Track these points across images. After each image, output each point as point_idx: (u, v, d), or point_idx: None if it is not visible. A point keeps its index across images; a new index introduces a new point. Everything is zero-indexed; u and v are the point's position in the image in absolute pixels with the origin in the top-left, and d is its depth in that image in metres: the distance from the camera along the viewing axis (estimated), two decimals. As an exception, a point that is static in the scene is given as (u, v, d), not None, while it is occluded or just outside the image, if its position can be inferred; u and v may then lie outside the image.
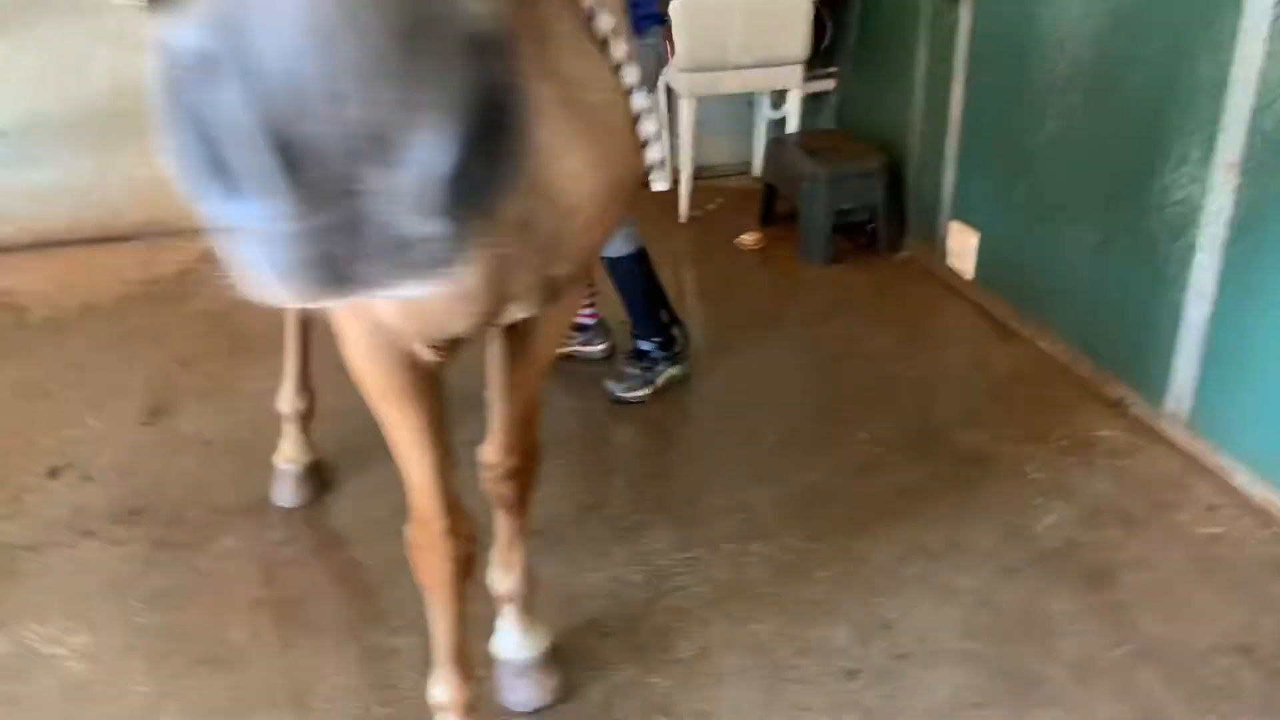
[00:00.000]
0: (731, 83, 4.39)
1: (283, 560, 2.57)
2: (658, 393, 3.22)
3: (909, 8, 3.96)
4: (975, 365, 3.40)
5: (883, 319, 3.73)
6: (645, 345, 3.22)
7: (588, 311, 3.36)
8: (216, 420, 3.10)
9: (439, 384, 1.59)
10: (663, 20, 2.87)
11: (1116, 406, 3.07)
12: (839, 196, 4.05)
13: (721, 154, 4.99)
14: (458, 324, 1.40)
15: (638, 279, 3.11)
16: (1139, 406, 3.01)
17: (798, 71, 4.39)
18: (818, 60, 4.53)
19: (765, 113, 4.80)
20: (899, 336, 3.59)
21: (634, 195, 1.45)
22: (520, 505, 1.98)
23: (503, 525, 2.01)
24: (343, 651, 2.27)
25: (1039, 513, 2.65)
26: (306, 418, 2.77)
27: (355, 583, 2.55)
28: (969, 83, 3.66)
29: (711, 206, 4.76)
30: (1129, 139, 2.94)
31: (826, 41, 4.51)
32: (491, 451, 1.88)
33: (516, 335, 1.70)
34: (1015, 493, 2.73)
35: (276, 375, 2.75)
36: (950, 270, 3.90)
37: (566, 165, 1.28)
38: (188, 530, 2.64)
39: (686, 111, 4.41)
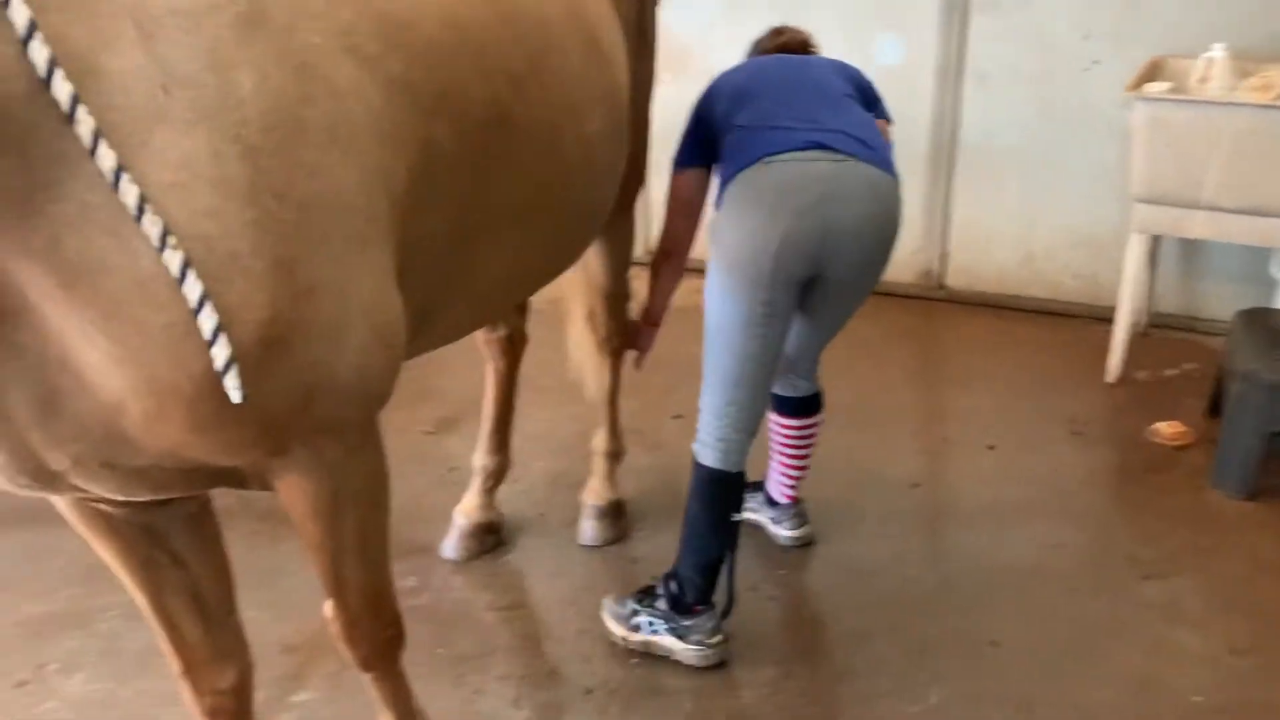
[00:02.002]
0: (1202, 227, 3.33)
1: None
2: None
3: None
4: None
5: (1237, 615, 2.57)
6: (660, 587, 2.43)
7: (788, 490, 2.80)
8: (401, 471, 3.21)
9: (146, 532, 1.61)
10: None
11: None
12: (1278, 413, 2.88)
13: (1226, 305, 3.81)
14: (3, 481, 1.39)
15: (701, 502, 2.33)
16: None
17: (1307, 228, 3.17)
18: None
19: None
20: (1221, 648, 2.47)
21: (215, 405, 1.23)
22: (367, 669, 1.83)
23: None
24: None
25: None
26: (494, 477, 2.86)
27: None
28: None
29: (1170, 372, 3.70)
30: None
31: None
32: (326, 607, 1.76)
33: None
34: None
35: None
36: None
37: (87, 356, 1.19)
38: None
39: (1135, 248, 3.46)
